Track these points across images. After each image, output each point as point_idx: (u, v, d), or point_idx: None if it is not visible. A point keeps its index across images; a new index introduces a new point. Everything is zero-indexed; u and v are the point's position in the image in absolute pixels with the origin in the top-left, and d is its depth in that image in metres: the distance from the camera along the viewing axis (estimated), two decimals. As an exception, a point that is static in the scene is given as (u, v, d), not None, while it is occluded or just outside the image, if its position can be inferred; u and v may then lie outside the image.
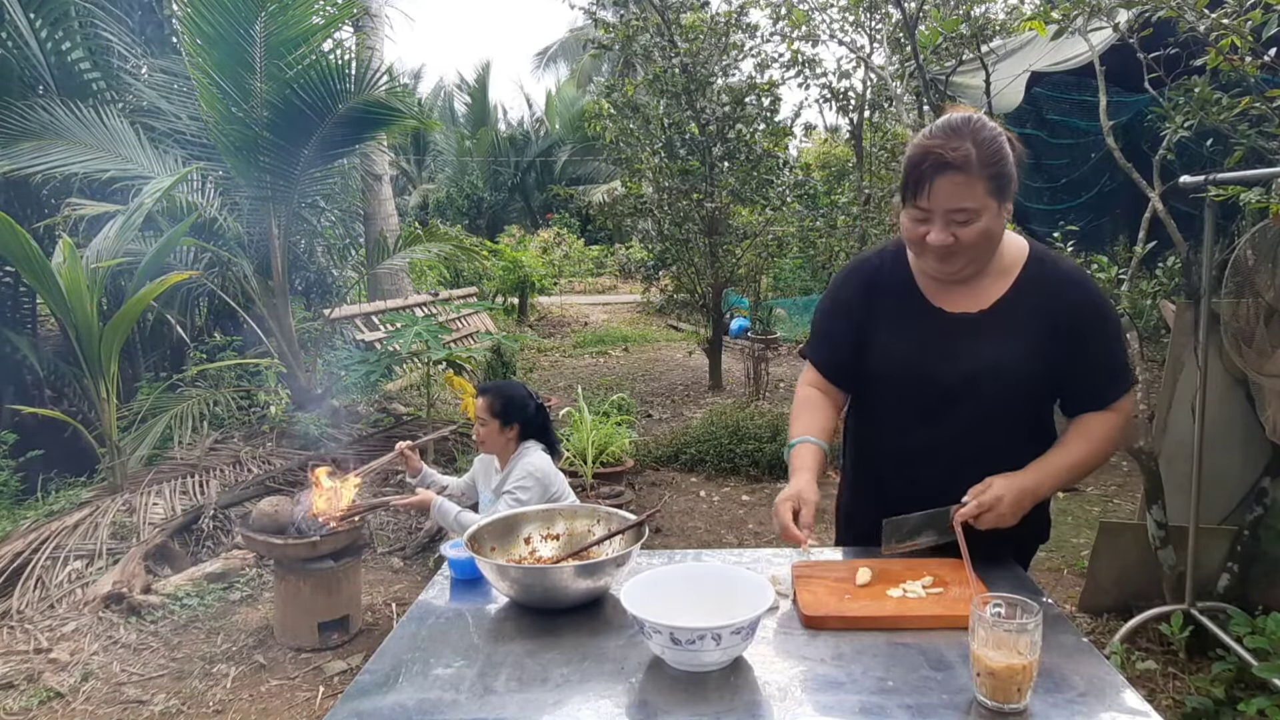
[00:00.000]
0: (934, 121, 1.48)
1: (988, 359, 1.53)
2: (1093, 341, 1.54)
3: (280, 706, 2.85)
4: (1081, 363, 1.54)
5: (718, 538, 4.47)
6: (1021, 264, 1.57)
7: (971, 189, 1.40)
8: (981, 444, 1.55)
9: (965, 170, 1.39)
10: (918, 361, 1.58)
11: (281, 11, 5.00)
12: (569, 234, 19.91)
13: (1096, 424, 1.57)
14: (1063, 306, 1.53)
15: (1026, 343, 1.53)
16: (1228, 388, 2.94)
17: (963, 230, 1.43)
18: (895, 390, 1.62)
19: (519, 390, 2.99)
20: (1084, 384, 1.57)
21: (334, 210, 7.30)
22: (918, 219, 1.46)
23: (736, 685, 1.14)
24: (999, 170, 1.42)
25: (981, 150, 1.40)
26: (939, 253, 1.47)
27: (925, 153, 1.41)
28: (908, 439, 1.62)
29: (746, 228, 7.77)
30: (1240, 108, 2.60)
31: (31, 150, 4.98)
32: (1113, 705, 1.07)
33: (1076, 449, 1.55)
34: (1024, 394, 1.57)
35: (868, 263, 1.69)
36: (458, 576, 1.54)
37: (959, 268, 1.51)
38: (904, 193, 1.47)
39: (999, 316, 1.55)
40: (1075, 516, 4.55)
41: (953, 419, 1.57)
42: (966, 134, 1.41)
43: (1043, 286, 1.55)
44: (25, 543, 3.78)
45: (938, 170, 1.40)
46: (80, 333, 4.20)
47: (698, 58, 7.12)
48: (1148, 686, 2.69)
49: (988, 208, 1.43)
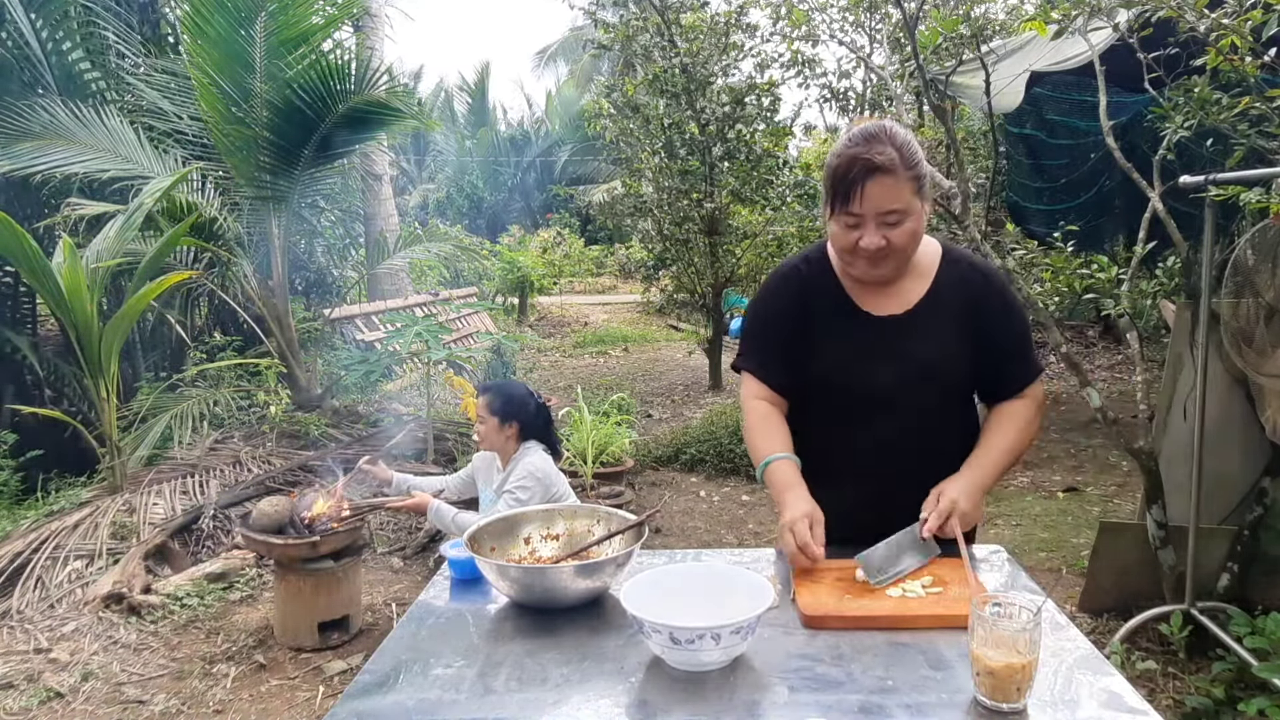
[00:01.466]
0: (847, 134, 1.52)
1: (919, 359, 1.59)
2: (1002, 332, 1.62)
3: (280, 706, 2.85)
4: (995, 353, 1.62)
5: (718, 538, 4.47)
6: (937, 263, 1.63)
7: (899, 190, 1.46)
8: (919, 442, 1.60)
9: (893, 173, 1.45)
10: (854, 367, 1.61)
11: (281, 11, 5.01)
12: (569, 234, 19.91)
13: (1016, 411, 1.64)
14: (977, 298, 1.61)
15: (952, 339, 1.60)
16: (1228, 388, 2.94)
17: (893, 232, 1.48)
18: (833, 396, 1.64)
19: (518, 389, 2.99)
20: (999, 373, 1.64)
21: (334, 210, 7.32)
22: (849, 225, 1.50)
23: (736, 685, 1.14)
24: (919, 171, 1.49)
25: (903, 153, 1.46)
26: (871, 257, 1.51)
27: (852, 160, 1.46)
28: (848, 443, 1.64)
29: (746, 228, 7.77)
30: (1240, 108, 2.60)
31: (31, 150, 4.99)
32: (1113, 705, 1.07)
33: (1005, 437, 1.62)
34: (956, 389, 1.65)
35: (796, 270, 1.69)
36: (458, 576, 1.54)
37: (889, 270, 1.55)
38: (833, 202, 1.50)
39: (923, 316, 1.61)
40: (1075, 516, 4.55)
41: (890, 420, 1.61)
42: (885, 139, 1.46)
43: (957, 282, 1.62)
44: (25, 543, 3.78)
45: (867, 175, 1.44)
46: (80, 333, 4.20)
47: (698, 58, 7.12)
48: (1148, 686, 2.69)
49: (913, 208, 1.48)
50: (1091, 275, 2.83)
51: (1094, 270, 2.83)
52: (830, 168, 1.51)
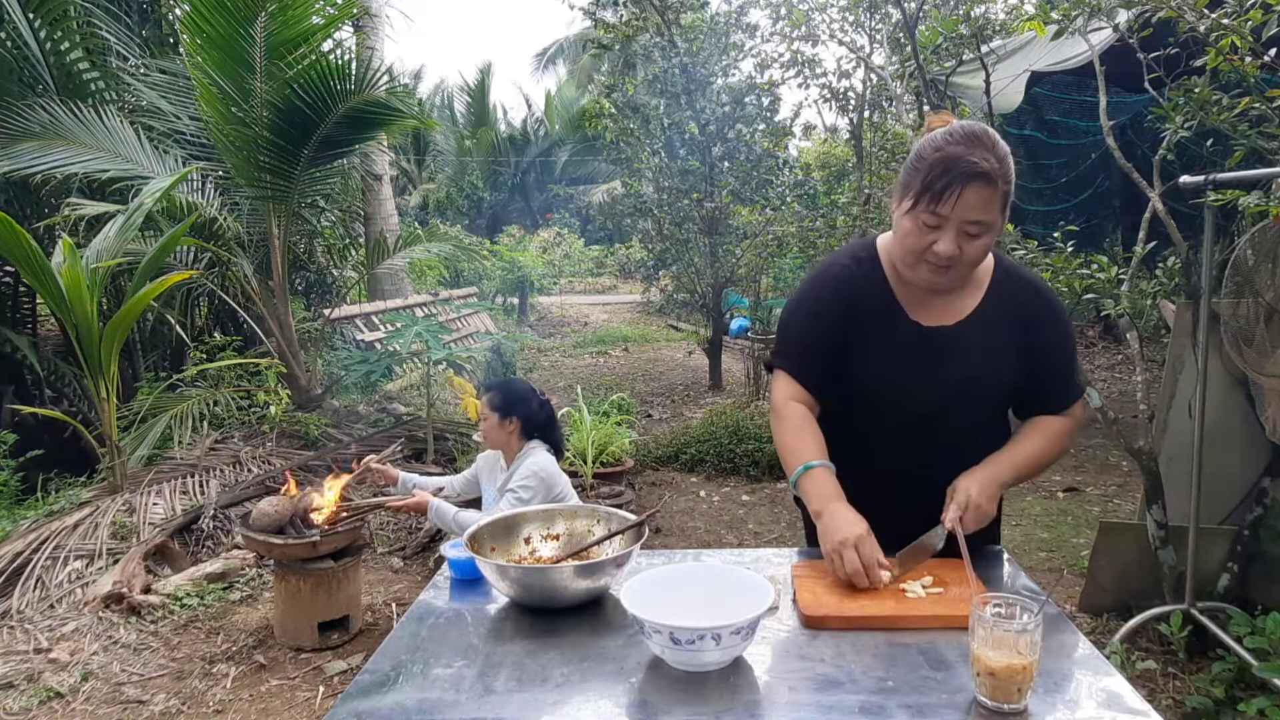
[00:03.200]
0: (946, 128, 1.42)
1: (967, 373, 1.52)
2: (1054, 349, 1.56)
3: (280, 706, 2.85)
4: (1042, 369, 1.56)
5: (718, 538, 4.47)
6: (990, 275, 1.57)
7: (992, 202, 1.37)
8: (955, 457, 1.53)
9: (992, 183, 1.36)
10: (899, 378, 1.54)
11: (281, 11, 5.01)
12: (569, 234, 19.92)
13: (1052, 425, 1.58)
14: (1028, 315, 1.54)
15: (1001, 354, 1.53)
16: (1228, 388, 2.94)
17: (971, 244, 1.40)
18: (873, 406, 1.57)
19: (520, 386, 2.99)
20: (1043, 389, 1.58)
21: (334, 210, 7.31)
22: (928, 225, 1.40)
23: (736, 685, 1.14)
24: (1010, 187, 1.40)
25: (1003, 164, 1.38)
26: (939, 264, 1.42)
27: (954, 160, 1.35)
28: (884, 455, 1.58)
29: (746, 228, 7.77)
30: (1240, 108, 2.60)
31: (31, 150, 4.98)
32: (1113, 705, 1.07)
33: (1034, 444, 1.56)
34: (1000, 405, 1.60)
35: (845, 270, 1.58)
36: (458, 576, 1.54)
37: (950, 280, 1.47)
38: (919, 197, 1.39)
39: (974, 329, 1.53)
40: (1075, 516, 4.55)
41: (930, 434, 1.55)
42: (989, 145, 1.37)
43: (1010, 296, 1.55)
44: (25, 543, 3.78)
45: (968, 179, 1.35)
46: (80, 333, 4.20)
47: (698, 58, 7.12)
48: (1148, 686, 2.69)
49: (997, 222, 1.40)
50: (1091, 275, 2.83)
51: (1094, 270, 2.83)
52: (925, 160, 1.39)
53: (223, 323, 7.06)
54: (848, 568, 1.35)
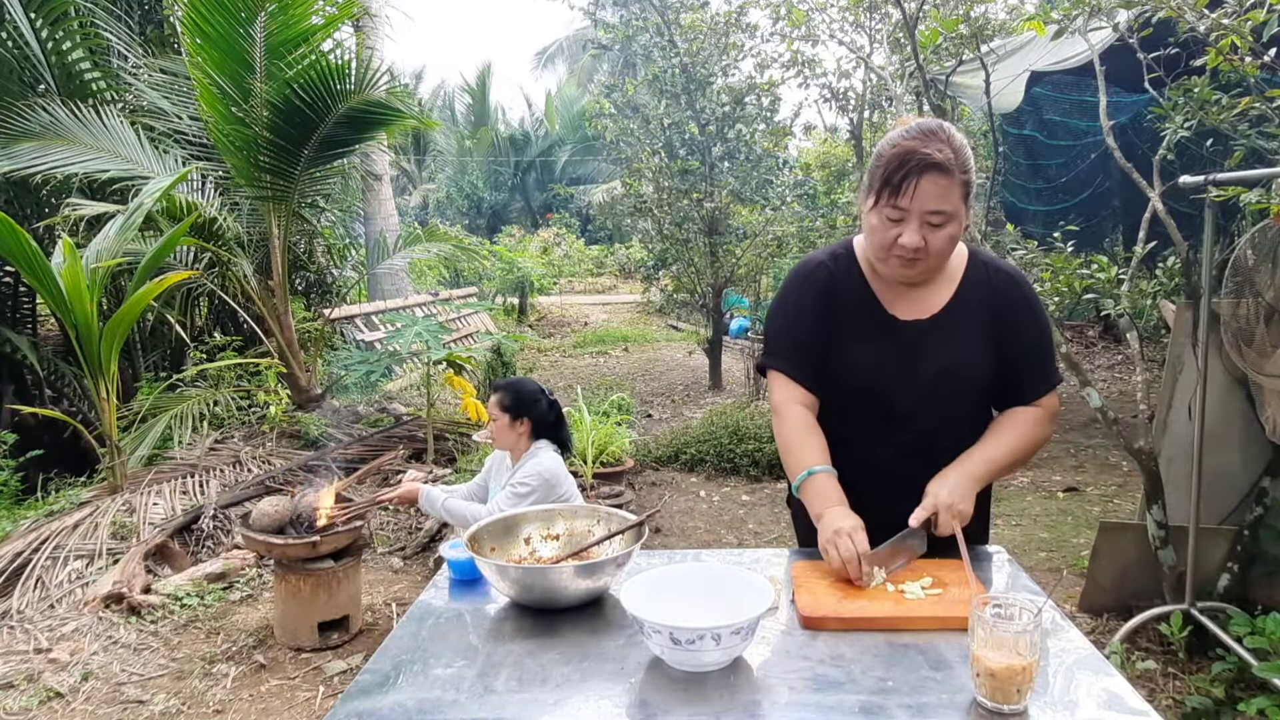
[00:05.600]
0: (903, 127, 1.47)
1: (942, 365, 1.55)
2: (1028, 333, 1.59)
3: (280, 706, 2.85)
4: (1016, 359, 1.58)
5: (718, 538, 4.47)
6: (963, 267, 1.60)
7: (950, 192, 1.42)
8: (938, 448, 1.55)
9: (948, 172, 1.41)
10: (878, 372, 1.56)
11: (281, 11, 5.01)
12: (569, 234, 19.93)
13: (1025, 416, 1.59)
14: (1003, 305, 1.57)
15: (976, 345, 1.56)
16: (1228, 388, 2.94)
17: (934, 234, 1.44)
18: (853, 401, 1.59)
19: (529, 386, 2.98)
20: (1017, 380, 1.60)
21: (334, 210, 7.31)
22: (891, 220, 1.45)
23: (736, 685, 1.14)
24: (970, 176, 1.45)
25: (958, 155, 1.43)
26: (907, 256, 1.46)
27: (909, 153, 1.41)
28: (865, 449, 1.59)
29: (746, 228, 7.78)
30: (1240, 108, 2.60)
31: (32, 150, 4.98)
32: (1113, 705, 1.07)
33: (1007, 438, 1.56)
34: (978, 396, 1.61)
35: (822, 267, 1.62)
36: (457, 577, 1.54)
37: (919, 273, 1.51)
38: (879, 192, 1.45)
39: (948, 322, 1.57)
40: (1075, 516, 4.55)
41: (910, 426, 1.57)
42: (943, 137, 1.42)
43: (985, 287, 1.58)
44: (25, 543, 3.78)
45: (923, 170, 1.40)
46: (80, 333, 4.20)
47: (698, 58, 7.13)
48: (1148, 686, 2.69)
49: (959, 213, 1.44)
50: (1091, 275, 2.83)
51: (1094, 270, 2.83)
52: (883, 157, 1.45)
53: (223, 323, 7.06)
54: (842, 554, 1.38)
